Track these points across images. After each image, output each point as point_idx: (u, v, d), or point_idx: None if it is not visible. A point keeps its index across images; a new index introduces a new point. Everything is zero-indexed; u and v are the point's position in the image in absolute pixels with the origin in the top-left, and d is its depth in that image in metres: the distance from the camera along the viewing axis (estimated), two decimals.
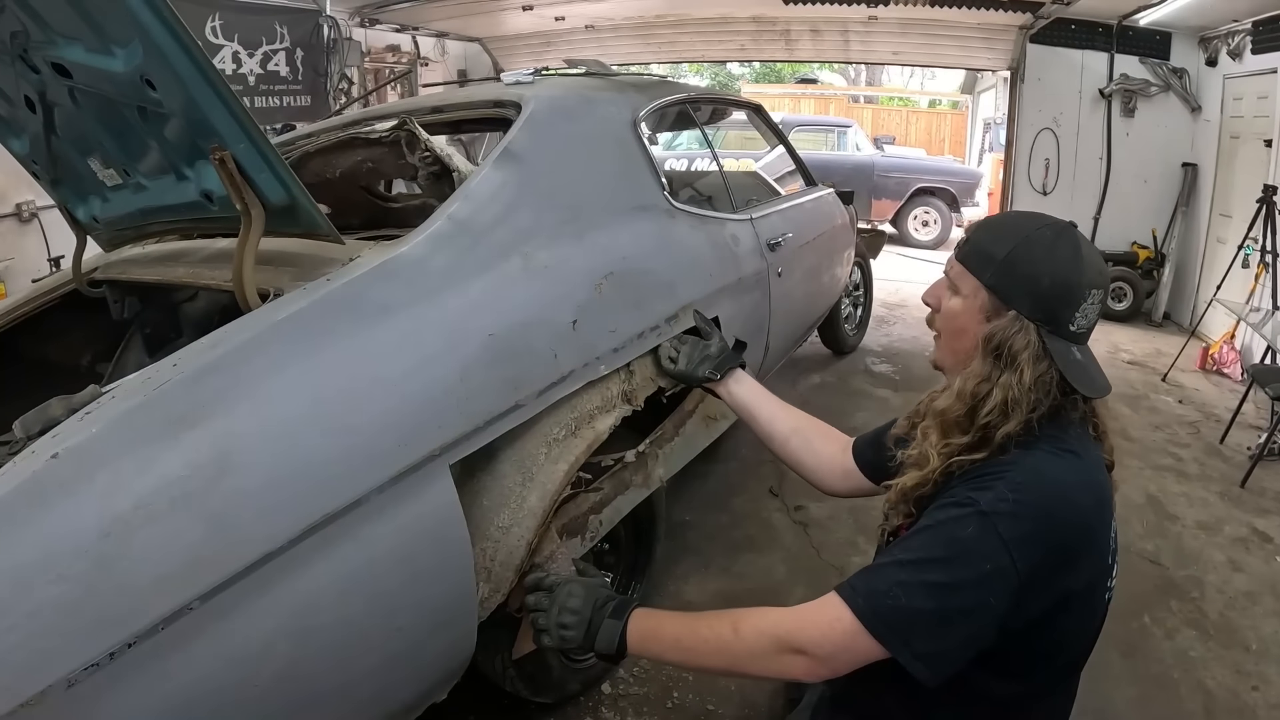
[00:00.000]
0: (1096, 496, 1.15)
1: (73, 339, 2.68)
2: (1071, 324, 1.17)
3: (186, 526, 1.17)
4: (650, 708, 2.27)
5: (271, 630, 1.24)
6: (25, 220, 4.80)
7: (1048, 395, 1.15)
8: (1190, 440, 4.27)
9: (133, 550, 1.12)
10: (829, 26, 7.82)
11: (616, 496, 2.07)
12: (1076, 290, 1.16)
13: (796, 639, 1.14)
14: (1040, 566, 1.07)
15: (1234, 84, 6.12)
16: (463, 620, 1.57)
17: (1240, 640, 2.59)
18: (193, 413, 1.25)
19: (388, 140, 2.11)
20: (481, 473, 1.68)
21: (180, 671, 1.15)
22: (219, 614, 1.17)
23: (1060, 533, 1.08)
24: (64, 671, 1.05)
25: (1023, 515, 1.07)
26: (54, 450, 1.16)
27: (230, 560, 1.18)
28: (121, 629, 1.09)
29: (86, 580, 1.09)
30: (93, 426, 1.21)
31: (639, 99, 2.66)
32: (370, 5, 7.07)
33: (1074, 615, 1.16)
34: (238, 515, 1.21)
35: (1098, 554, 1.16)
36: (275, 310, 1.44)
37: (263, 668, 1.24)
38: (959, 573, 1.06)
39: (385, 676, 1.46)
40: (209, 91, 1.51)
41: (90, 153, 2.12)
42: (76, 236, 2.44)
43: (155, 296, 2.70)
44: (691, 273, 2.39)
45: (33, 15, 1.70)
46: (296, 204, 1.62)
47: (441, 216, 1.76)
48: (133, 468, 1.17)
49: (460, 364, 1.56)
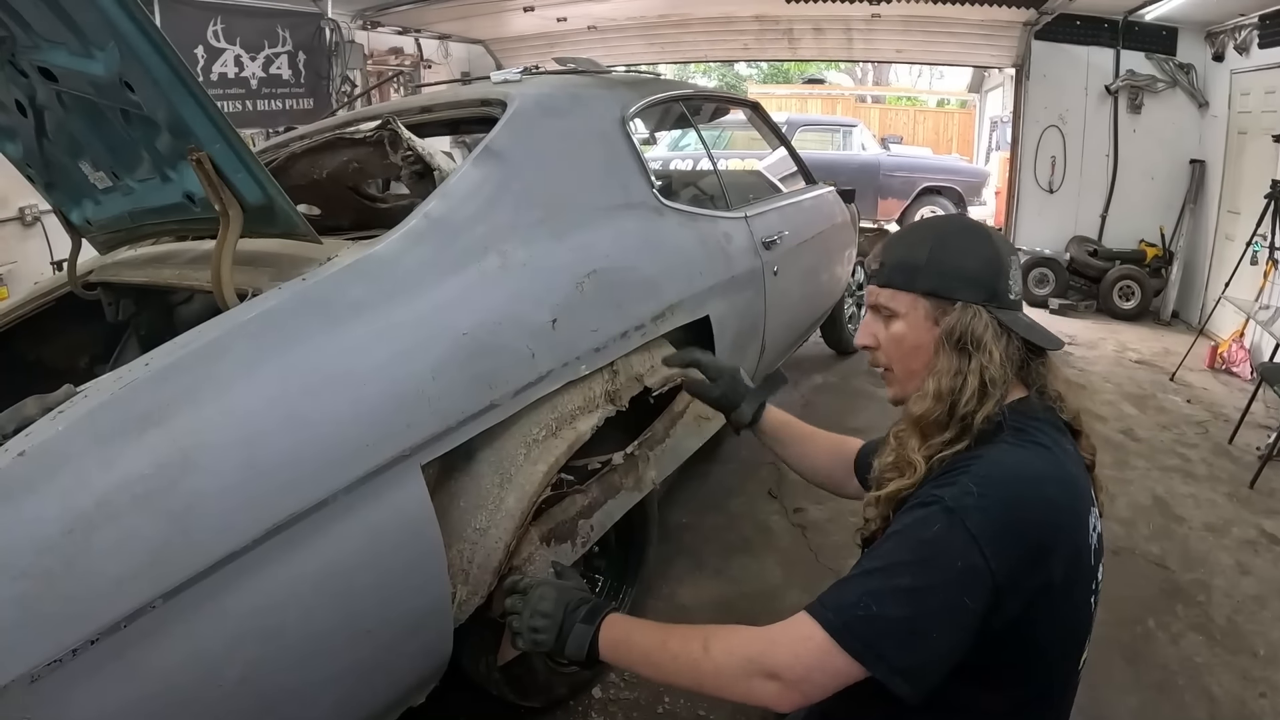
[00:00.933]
0: (1067, 490, 1.11)
1: (71, 341, 2.70)
2: (1009, 293, 1.20)
3: (149, 524, 1.16)
4: (640, 713, 2.25)
5: (236, 630, 1.23)
6: (28, 224, 4.84)
7: (1016, 368, 1.18)
8: (1198, 440, 4.22)
9: (95, 547, 1.12)
10: (831, 25, 7.81)
11: (607, 500, 2.04)
12: (1000, 261, 1.21)
13: (767, 661, 1.08)
14: (1013, 561, 1.02)
15: (1241, 79, 6.07)
16: (437, 623, 1.55)
17: (1248, 646, 2.54)
18: (157, 411, 1.24)
19: (371, 140, 2.09)
20: (459, 474, 1.66)
21: (144, 669, 1.14)
22: (182, 613, 1.17)
23: (1030, 524, 1.05)
24: (26, 667, 1.05)
25: (990, 507, 1.03)
26: (21, 448, 1.16)
27: (193, 559, 1.18)
28: (84, 625, 1.09)
29: (49, 576, 1.09)
30: (59, 425, 1.21)
31: (628, 96, 2.64)
32: (371, 8, 7.07)
33: (1056, 617, 1.11)
34: (201, 514, 1.20)
35: (1075, 550, 1.11)
36: (246, 310, 1.43)
37: (227, 668, 1.23)
38: (930, 575, 1.02)
39: (355, 679, 1.45)
40: (184, 92, 1.52)
41: (81, 156, 2.14)
42: (71, 239, 2.46)
43: (150, 298, 2.72)
44: (679, 271, 2.36)
45: (16, 19, 1.72)
46: (274, 204, 1.61)
47: (418, 215, 1.74)
48: (96, 465, 1.17)
49: (432, 363, 1.54)
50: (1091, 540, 1.14)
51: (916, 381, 1.22)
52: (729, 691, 1.12)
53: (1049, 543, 1.05)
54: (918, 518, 1.07)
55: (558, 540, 1.87)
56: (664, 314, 2.15)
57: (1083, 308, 6.98)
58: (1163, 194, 6.87)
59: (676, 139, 10.24)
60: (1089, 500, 1.15)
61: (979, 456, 1.11)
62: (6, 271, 4.63)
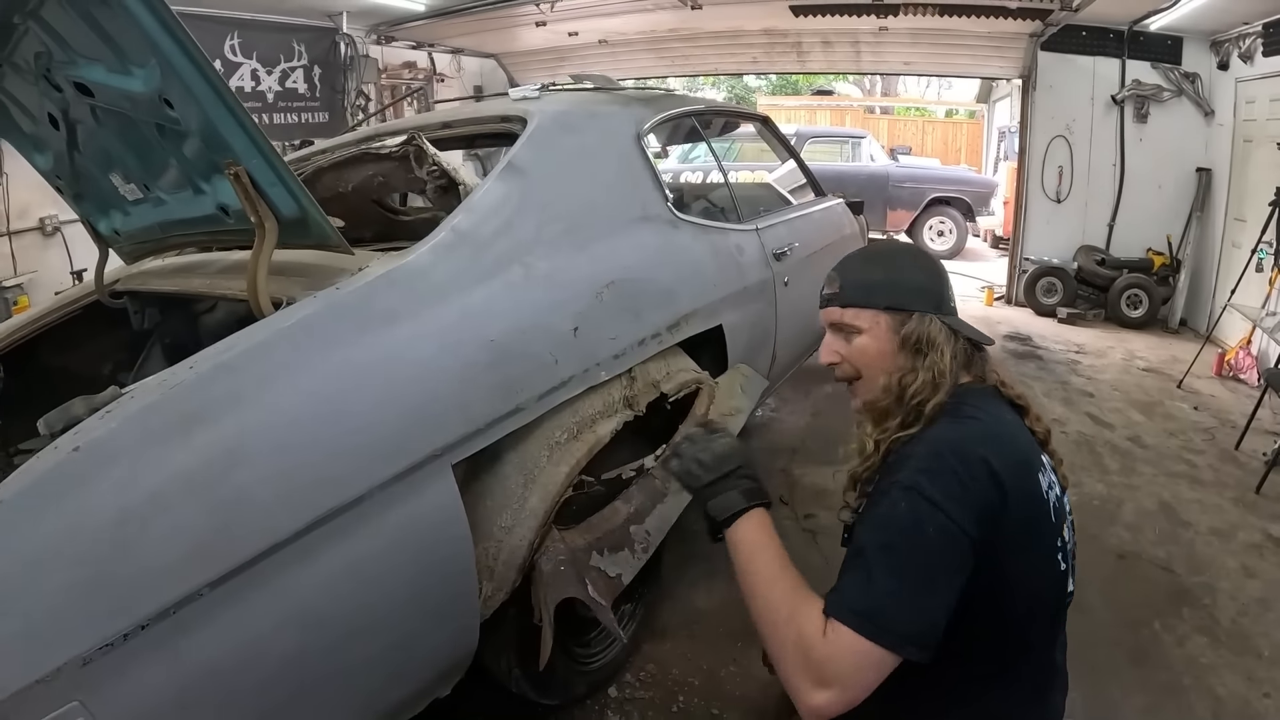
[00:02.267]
0: (1003, 448, 1.21)
1: (94, 349, 2.76)
2: (950, 301, 1.40)
3: (197, 517, 1.23)
4: (655, 712, 2.30)
5: (276, 618, 1.30)
6: (49, 234, 4.94)
7: (964, 363, 1.35)
8: (1205, 446, 4.25)
9: (147, 538, 1.19)
10: (840, 38, 7.85)
11: (655, 506, 2.10)
12: (941, 274, 1.42)
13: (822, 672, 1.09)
14: (974, 514, 1.12)
15: (1246, 87, 6.10)
16: (464, 617, 1.62)
17: (1252, 647, 2.57)
18: (205, 411, 1.31)
19: (397, 155, 2.17)
20: (485, 474, 1.73)
21: (190, 654, 1.21)
22: (227, 601, 1.23)
23: (978, 480, 1.15)
24: (80, 650, 1.11)
25: (938, 475, 1.15)
26: (75, 444, 1.23)
27: (238, 550, 1.25)
28: (135, 611, 1.16)
29: (103, 565, 1.16)
30: (112, 422, 1.27)
31: (643, 112, 2.72)
32: (385, 23, 7.19)
33: (1020, 569, 1.20)
34: (246, 507, 1.27)
35: (1028, 499, 1.21)
36: (285, 316, 1.51)
37: (267, 654, 1.30)
38: (911, 547, 1.12)
39: (386, 668, 1.51)
40: (223, 109, 1.58)
41: (112, 168, 2.18)
42: (99, 249, 2.51)
43: (175, 307, 2.78)
44: (694, 282, 2.43)
45: (55, 37, 1.77)
46: (308, 216, 1.68)
47: (445, 228, 1.82)
48: (148, 461, 1.24)
49: (461, 368, 1.61)
50: (1048, 498, 1.24)
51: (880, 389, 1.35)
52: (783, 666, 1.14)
53: (999, 494, 1.15)
54: (884, 504, 1.18)
55: (612, 548, 1.93)
56: (679, 323, 2.22)
57: (1091, 316, 7.01)
58: (1169, 202, 6.89)
59: (685, 151, 10.30)
60: (1031, 456, 1.26)
61: (920, 439, 1.24)
62: (28, 280, 4.72)
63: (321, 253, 1.82)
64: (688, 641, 2.58)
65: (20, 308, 4.50)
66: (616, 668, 2.38)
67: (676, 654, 2.52)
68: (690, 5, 6.55)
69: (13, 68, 2.01)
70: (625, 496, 2.06)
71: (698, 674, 2.44)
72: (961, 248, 10.66)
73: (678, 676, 2.42)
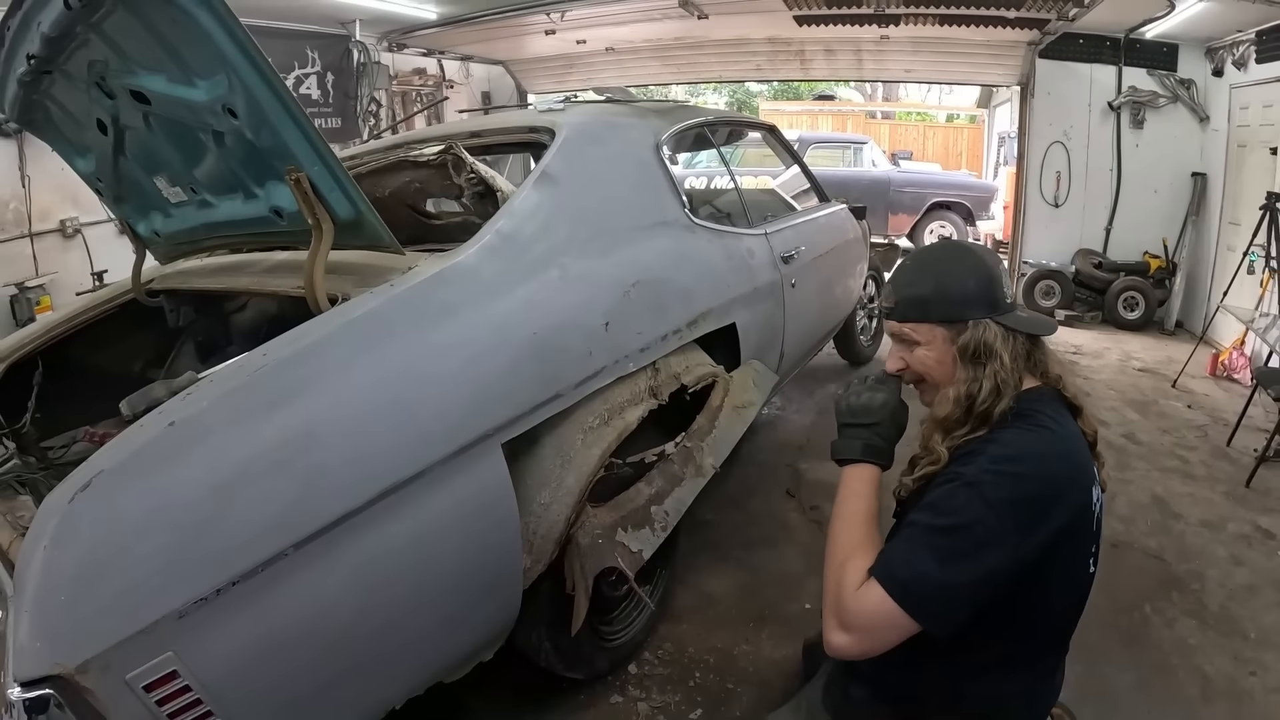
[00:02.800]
0: (1067, 461, 1.32)
1: (125, 348, 2.89)
2: (1006, 299, 1.42)
3: (280, 487, 1.38)
4: (674, 686, 2.42)
5: (349, 578, 1.45)
6: (69, 236, 5.04)
7: (1024, 362, 1.40)
8: (1198, 443, 4.36)
9: (237, 504, 1.34)
10: (842, 46, 7.95)
11: (674, 489, 2.24)
12: (994, 274, 1.43)
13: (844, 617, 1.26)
14: (1022, 521, 1.23)
15: (1240, 93, 6.21)
16: (510, 582, 1.77)
17: (1239, 630, 2.67)
18: (285, 394, 1.47)
19: (435, 163, 2.31)
20: (525, 456, 1.87)
21: (273, 609, 1.36)
22: (308, 561, 1.38)
23: (1035, 492, 1.25)
24: (177, 604, 1.26)
25: (1001, 481, 1.25)
26: (170, 420, 1.37)
27: (316, 517, 1.40)
28: (227, 569, 1.31)
29: (198, 527, 1.31)
30: (203, 401, 1.42)
31: (660, 124, 2.87)
32: (397, 30, 7.30)
33: (1064, 565, 1.32)
34: (322, 479, 1.42)
35: (1079, 508, 1.31)
36: (351, 310, 1.65)
37: (341, 610, 1.45)
38: (956, 538, 1.24)
39: (441, 628, 1.66)
40: (289, 120, 1.70)
41: (157, 172, 2.27)
42: (136, 250, 2.62)
43: (208, 307, 2.89)
44: (709, 283, 2.58)
45: (115, 48, 1.85)
46: (363, 219, 1.80)
47: (490, 231, 1.98)
48: (237, 437, 1.39)
49: (508, 357, 1.77)
50: (1094, 506, 1.35)
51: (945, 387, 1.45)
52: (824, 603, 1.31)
53: (1052, 504, 1.26)
54: (944, 492, 1.29)
55: (635, 526, 2.07)
56: (697, 320, 2.37)
57: (1088, 318, 7.13)
58: (1166, 207, 6.99)
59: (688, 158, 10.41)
60: (1089, 468, 1.36)
61: (993, 440, 1.33)
62: (49, 281, 4.82)
63: (367, 253, 1.96)
64: (702, 623, 2.70)
65: (43, 308, 4.63)
66: (636, 646, 2.51)
67: (692, 634, 2.64)
68: (696, 15, 6.65)
69: (64, 75, 2.08)
70: (647, 479, 2.20)
71: (712, 653, 2.56)
72: None
73: (693, 655, 2.54)
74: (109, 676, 1.22)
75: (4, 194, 4.63)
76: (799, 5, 6.38)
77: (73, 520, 1.26)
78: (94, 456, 1.36)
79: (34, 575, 1.23)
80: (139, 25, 1.72)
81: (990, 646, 1.36)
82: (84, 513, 1.27)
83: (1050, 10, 5.93)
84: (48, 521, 1.27)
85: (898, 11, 6.34)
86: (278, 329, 1.67)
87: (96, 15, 1.75)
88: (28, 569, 1.24)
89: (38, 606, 1.22)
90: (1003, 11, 6.09)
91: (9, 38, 2.04)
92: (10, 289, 4.61)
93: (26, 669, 1.20)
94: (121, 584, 1.25)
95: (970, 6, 6.08)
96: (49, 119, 2.37)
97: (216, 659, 1.31)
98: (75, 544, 1.25)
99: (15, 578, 1.28)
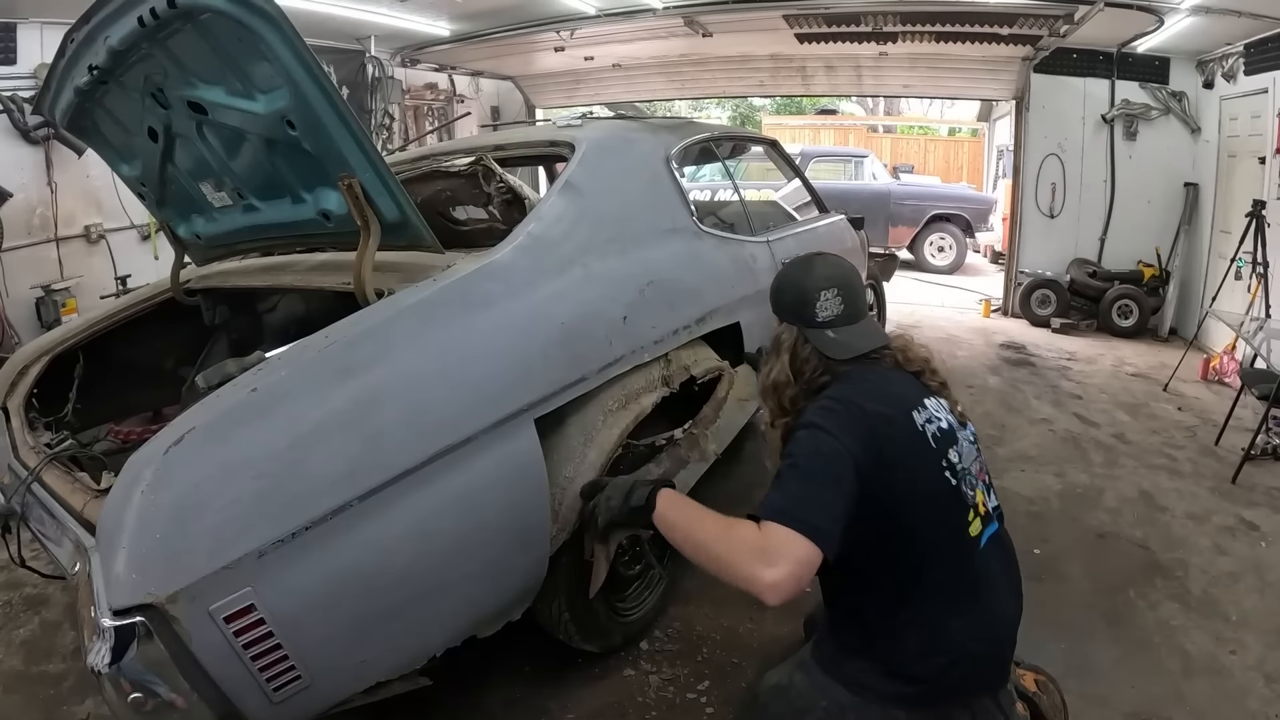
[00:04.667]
0: (879, 392, 1.62)
1: (159, 345, 3.06)
2: (816, 316, 1.71)
3: (350, 444, 1.57)
4: (683, 661, 2.56)
5: (405, 529, 1.63)
6: (93, 241, 5.21)
7: (814, 369, 1.70)
8: (1186, 443, 4.48)
9: (311, 458, 1.52)
10: (842, 62, 8.12)
11: (680, 469, 2.44)
12: (808, 293, 1.72)
13: (770, 554, 1.39)
14: (854, 440, 1.49)
15: (1230, 104, 6.34)
16: (539, 544, 1.96)
17: (1221, 612, 2.79)
18: (352, 367, 1.67)
19: (466, 173, 2.50)
20: (552, 434, 2.06)
21: (340, 552, 1.53)
22: (371, 511, 1.57)
23: (856, 419, 1.53)
24: (258, 544, 1.42)
25: (828, 415, 1.54)
26: (253, 386, 1.57)
27: (380, 472, 1.59)
28: (302, 515, 1.48)
29: (278, 477, 1.49)
30: (281, 371, 1.62)
31: (670, 138, 3.08)
32: (410, 46, 7.51)
33: (905, 480, 1.55)
34: (386, 439, 1.62)
35: (902, 430, 1.58)
36: (405, 298, 1.86)
37: (396, 557, 1.63)
38: (811, 461, 1.49)
39: (481, 582, 1.85)
40: (346, 132, 1.85)
41: (204, 177, 2.38)
42: (175, 251, 2.77)
43: (241, 307, 3.07)
44: (716, 284, 2.79)
45: (176, 62, 1.97)
46: (408, 221, 1.97)
47: (522, 233, 2.19)
48: (311, 401, 1.59)
49: (541, 342, 1.98)
50: (925, 430, 1.60)
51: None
52: (738, 569, 1.44)
53: (871, 421, 1.53)
54: (791, 442, 1.56)
55: None
56: (705, 318, 2.57)
57: (1083, 326, 7.24)
58: (1159, 216, 7.12)
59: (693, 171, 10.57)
60: (907, 398, 1.64)
61: (816, 399, 1.64)
62: (74, 285, 4.99)
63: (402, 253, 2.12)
64: (709, 605, 2.83)
65: (68, 310, 4.79)
66: (647, 624, 2.65)
67: (699, 615, 2.78)
68: (701, 33, 6.86)
69: (119, 85, 2.19)
70: (656, 460, 2.40)
71: (719, 630, 2.70)
72: (961, 263, 10.90)
73: (701, 633, 2.69)
74: (195, 607, 1.36)
75: (32, 200, 4.78)
76: (800, 24, 6.56)
77: (168, 468, 1.42)
78: (182, 417, 1.54)
79: (131, 514, 1.38)
80: (204, 42, 1.85)
81: (883, 582, 1.58)
82: (178, 462, 1.43)
83: (1043, 27, 6.09)
84: (144, 469, 1.43)
85: (895, 29, 6.51)
86: (306, 329, 1.84)
87: (165, 32, 1.87)
88: (124, 510, 1.39)
89: (134, 542, 1.36)
90: (997, 28, 6.26)
91: (72, 49, 2.15)
92: (37, 291, 4.76)
93: (122, 597, 1.34)
94: (209, 524, 1.40)
95: (965, 24, 6.25)
96: (97, 126, 2.48)
97: (288, 597, 1.47)
98: (170, 488, 1.41)
99: (102, 523, 1.44)
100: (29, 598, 2.99)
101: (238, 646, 1.42)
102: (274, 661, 1.47)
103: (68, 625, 2.81)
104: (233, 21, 1.74)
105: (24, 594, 3.01)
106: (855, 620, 1.66)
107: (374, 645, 1.65)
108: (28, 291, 4.73)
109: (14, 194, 4.42)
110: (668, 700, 2.40)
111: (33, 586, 3.00)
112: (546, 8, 6.37)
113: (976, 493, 1.66)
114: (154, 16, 1.82)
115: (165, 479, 1.42)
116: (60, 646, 2.70)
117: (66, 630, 2.78)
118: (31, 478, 1.99)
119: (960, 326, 7.53)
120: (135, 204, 4.93)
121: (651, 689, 2.44)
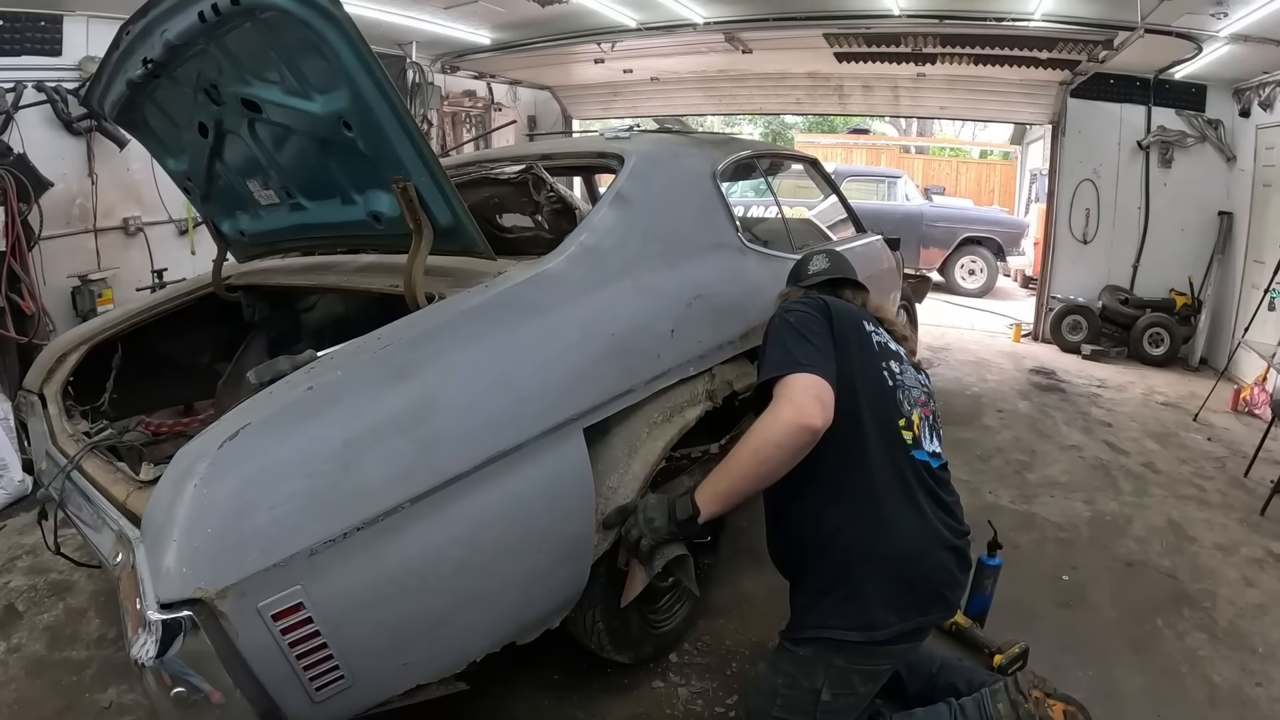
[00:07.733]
0: (843, 305, 2.12)
1: (193, 340, 3.10)
2: (808, 271, 2.39)
3: (402, 447, 1.58)
4: (712, 674, 2.57)
5: (453, 533, 1.64)
6: (131, 234, 5.25)
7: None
8: (1215, 473, 4.45)
9: (365, 459, 1.53)
10: (880, 82, 8.15)
11: None
12: (805, 261, 2.46)
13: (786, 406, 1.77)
14: (818, 313, 1.98)
15: (1266, 134, 6.30)
16: (582, 554, 1.97)
17: (1248, 644, 2.78)
18: (407, 369, 1.68)
19: (515, 181, 2.54)
20: (598, 445, 2.06)
21: (389, 554, 1.53)
22: (421, 515, 1.57)
23: (815, 305, 2.02)
24: (309, 542, 1.43)
25: (790, 306, 2.04)
26: (309, 384, 1.58)
27: (431, 475, 1.59)
28: (354, 515, 1.49)
29: (332, 477, 1.49)
30: (338, 369, 1.63)
31: (716, 154, 3.10)
32: (451, 53, 7.61)
33: (855, 369, 1.93)
34: (438, 443, 1.62)
35: (852, 327, 2.02)
36: (459, 303, 1.88)
37: (444, 562, 1.63)
38: (790, 332, 1.92)
39: (525, 588, 1.85)
40: (403, 135, 1.86)
41: (253, 175, 2.38)
42: (219, 247, 2.79)
43: (281, 305, 3.10)
44: (758, 300, 2.78)
45: (233, 60, 1.98)
46: (460, 226, 1.99)
47: (574, 243, 2.21)
48: (368, 402, 1.60)
49: (591, 353, 2.00)
50: (872, 338, 2.05)
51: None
52: (775, 437, 1.75)
53: (830, 313, 2.01)
54: (767, 331, 2.01)
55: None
56: (748, 334, 2.58)
57: (1114, 353, 7.20)
58: (1192, 245, 7.06)
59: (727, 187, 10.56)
60: (853, 310, 2.12)
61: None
62: (111, 276, 5.01)
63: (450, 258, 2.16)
64: (739, 619, 2.85)
65: (104, 300, 4.81)
66: (678, 636, 2.67)
67: (729, 629, 2.80)
68: (741, 49, 6.90)
69: (172, 79, 2.18)
70: (689, 472, 2.41)
71: (748, 645, 2.71)
72: (992, 286, 10.87)
73: (730, 647, 2.70)
74: (243, 603, 1.36)
75: (72, 190, 4.83)
76: (841, 43, 6.59)
77: (222, 463, 1.43)
78: (235, 412, 1.55)
79: (183, 508, 1.37)
80: (264, 41, 1.86)
81: (824, 475, 1.87)
82: (232, 457, 1.44)
83: (1081, 52, 6.10)
84: (196, 462, 1.43)
85: (935, 51, 6.53)
86: (343, 329, 1.85)
87: (225, 28, 1.88)
88: (175, 504, 1.38)
89: (185, 536, 1.36)
90: (1036, 52, 6.26)
91: (127, 41, 2.16)
92: (74, 280, 4.80)
93: (171, 591, 1.33)
94: (262, 521, 1.40)
95: (1004, 47, 6.26)
96: (146, 120, 2.49)
97: (337, 596, 1.47)
98: (224, 483, 1.41)
99: (149, 515, 1.45)
100: (54, 583, 3.03)
101: (284, 644, 1.42)
102: (318, 661, 1.47)
103: (92, 612, 2.84)
104: (297, 21, 1.75)
105: (49, 579, 3.06)
106: (786, 533, 2.07)
107: (418, 648, 1.65)
108: (65, 280, 4.76)
109: (55, 184, 4.44)
110: (696, 714, 2.40)
111: (58, 572, 3.05)
112: (588, 20, 6.43)
113: (914, 412, 1.99)
114: (215, 12, 1.83)
115: (219, 474, 1.42)
116: (84, 634, 2.73)
117: (91, 617, 2.81)
118: (72, 465, 2.00)
119: (990, 350, 7.49)
120: (174, 199, 5.09)
121: (680, 702, 2.45)
